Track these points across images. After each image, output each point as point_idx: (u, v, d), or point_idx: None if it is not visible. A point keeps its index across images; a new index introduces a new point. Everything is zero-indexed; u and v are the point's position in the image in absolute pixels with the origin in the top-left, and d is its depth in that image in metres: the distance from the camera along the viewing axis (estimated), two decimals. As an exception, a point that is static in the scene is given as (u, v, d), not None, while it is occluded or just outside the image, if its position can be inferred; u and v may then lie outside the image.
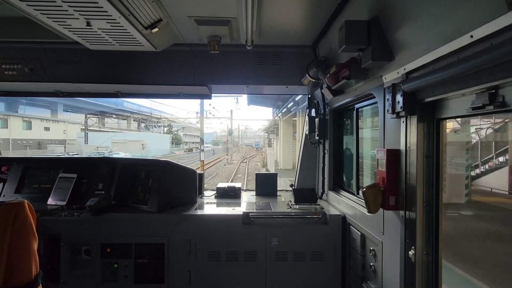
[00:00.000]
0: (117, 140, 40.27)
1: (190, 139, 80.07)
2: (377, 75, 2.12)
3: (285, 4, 2.42)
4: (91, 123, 38.36)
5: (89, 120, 37.41)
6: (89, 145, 35.58)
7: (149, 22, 2.49)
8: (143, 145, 41.52)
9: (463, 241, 4.85)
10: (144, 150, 40.52)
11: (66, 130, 42.68)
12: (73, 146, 37.59)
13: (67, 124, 43.36)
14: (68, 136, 41.84)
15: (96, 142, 37.24)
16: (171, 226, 2.87)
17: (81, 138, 37.48)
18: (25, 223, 1.71)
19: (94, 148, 34.92)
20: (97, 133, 42.11)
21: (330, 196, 3.43)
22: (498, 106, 1.30)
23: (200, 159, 20.63)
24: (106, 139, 39.25)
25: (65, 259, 2.83)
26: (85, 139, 35.85)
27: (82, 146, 35.58)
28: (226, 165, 34.55)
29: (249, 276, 2.89)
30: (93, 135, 39.79)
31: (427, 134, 1.80)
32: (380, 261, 2.21)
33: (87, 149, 34.04)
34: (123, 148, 36.41)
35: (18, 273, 1.66)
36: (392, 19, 1.80)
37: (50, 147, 35.88)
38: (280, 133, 28.13)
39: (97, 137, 39.17)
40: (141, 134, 48.64)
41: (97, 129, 43.98)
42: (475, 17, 1.23)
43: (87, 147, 34.75)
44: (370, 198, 1.98)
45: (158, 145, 46.41)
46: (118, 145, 38.24)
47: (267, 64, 3.46)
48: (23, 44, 3.22)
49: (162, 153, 43.45)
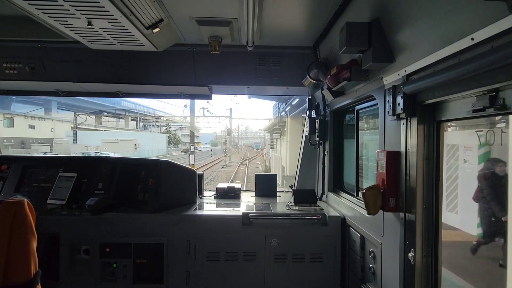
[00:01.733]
0: (108, 139, 37.54)
1: (189, 139, 78.40)
2: (378, 76, 2.12)
3: (286, 5, 2.43)
4: (80, 121, 35.36)
5: (79, 118, 34.84)
6: (78, 144, 33.22)
7: (150, 22, 2.49)
8: (135, 144, 38.86)
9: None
10: (137, 150, 37.83)
11: (54, 128, 39.82)
12: (61, 145, 33.90)
13: (55, 122, 40.75)
14: (56, 135, 38.76)
15: (87, 141, 34.93)
16: (171, 226, 2.87)
17: (70, 137, 35.06)
18: (24, 222, 1.71)
19: (83, 147, 32.35)
20: (88, 132, 39.76)
21: (329, 197, 3.42)
22: (499, 109, 1.30)
23: (189, 163, 17.80)
24: (98, 138, 36.95)
25: (64, 258, 2.82)
26: (74, 138, 33.68)
27: (70, 145, 33.07)
28: (224, 167, 32.87)
29: (248, 277, 2.89)
30: (84, 134, 37.34)
31: (427, 136, 1.80)
32: (380, 263, 2.21)
33: (76, 149, 31.31)
34: (114, 148, 33.73)
35: (17, 272, 1.66)
36: (393, 21, 1.80)
37: (34, 146, 32.40)
38: (287, 132, 24.27)
39: (88, 136, 36.90)
40: (134, 133, 46.23)
41: (88, 128, 41.32)
42: (476, 20, 1.23)
43: (75, 146, 32.26)
44: (370, 199, 1.97)
45: (153, 145, 44.10)
46: (109, 144, 35.48)
47: (268, 65, 3.47)
48: (24, 43, 3.22)
49: (157, 153, 40.72)
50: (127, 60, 3.37)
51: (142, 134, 44.19)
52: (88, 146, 33.15)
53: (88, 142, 34.97)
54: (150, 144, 43.86)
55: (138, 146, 39.03)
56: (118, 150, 31.87)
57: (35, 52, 3.27)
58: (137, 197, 3.17)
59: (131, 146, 37.77)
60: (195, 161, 18.72)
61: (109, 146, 34.96)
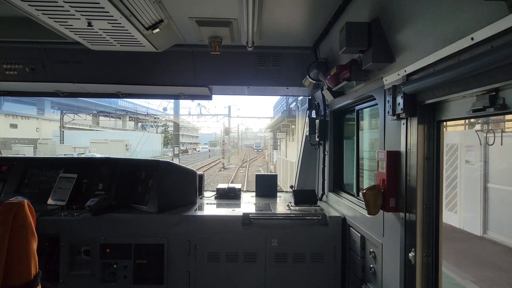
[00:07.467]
0: (96, 140, 35.06)
1: (187, 140, 75.66)
2: (378, 77, 2.12)
3: (286, 5, 2.43)
4: (68, 120, 32.70)
5: (66, 117, 32.17)
6: (65, 145, 30.99)
7: (150, 22, 2.49)
8: (126, 145, 36.04)
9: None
10: (128, 152, 34.82)
11: (40, 127, 37.63)
12: (46, 146, 30.78)
13: (40, 121, 38.54)
14: (42, 135, 36.33)
15: (76, 142, 33.11)
16: (171, 226, 2.87)
17: (57, 137, 32.55)
18: (24, 223, 1.71)
19: (70, 149, 30.09)
20: (78, 132, 37.72)
21: (330, 197, 3.42)
22: (499, 109, 1.30)
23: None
24: (88, 138, 34.84)
25: (65, 259, 2.82)
26: (61, 138, 31.38)
27: (56, 146, 30.64)
28: (222, 170, 30.58)
29: (249, 277, 2.88)
30: (73, 134, 35.51)
31: (427, 136, 1.80)
32: (380, 263, 2.20)
33: (62, 150, 28.90)
34: (103, 149, 31.43)
35: (17, 273, 1.65)
36: (393, 21, 1.80)
37: (16, 147, 28.77)
38: (297, 129, 20.12)
39: (77, 137, 35.05)
40: (127, 133, 43.16)
41: (77, 127, 38.82)
42: (475, 20, 1.23)
43: (62, 147, 29.84)
44: (370, 199, 1.97)
45: (147, 146, 39.70)
46: (97, 145, 33.25)
47: (268, 65, 3.47)
48: (24, 44, 3.23)
49: (151, 154, 37.79)
50: (127, 61, 3.37)
51: (135, 134, 40.96)
52: (75, 147, 31.39)
53: (77, 143, 33.27)
54: (143, 145, 40.96)
55: (130, 147, 36.20)
56: (107, 151, 29.65)
57: (35, 53, 3.27)
58: (138, 198, 3.17)
59: (122, 147, 35.13)
60: (189, 164, 16.36)
61: (98, 147, 32.82)
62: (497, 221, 7.12)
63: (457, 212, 8.11)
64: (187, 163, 32.14)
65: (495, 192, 7.20)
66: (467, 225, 7.77)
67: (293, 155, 19.95)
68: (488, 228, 7.22)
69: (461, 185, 8.15)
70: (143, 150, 34.99)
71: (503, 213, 7.07)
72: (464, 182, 8.10)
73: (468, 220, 7.78)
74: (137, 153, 30.99)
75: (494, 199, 7.20)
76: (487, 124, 7.17)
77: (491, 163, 7.45)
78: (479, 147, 7.52)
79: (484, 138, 7.37)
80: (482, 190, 7.41)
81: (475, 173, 7.69)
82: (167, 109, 32.08)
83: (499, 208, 7.08)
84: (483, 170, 7.49)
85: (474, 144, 7.68)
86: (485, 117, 5.98)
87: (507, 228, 6.85)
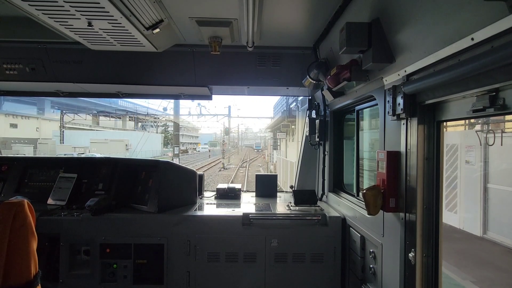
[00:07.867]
0: (96, 139, 35.10)
1: (187, 140, 75.27)
2: (378, 77, 2.12)
3: (286, 5, 2.43)
4: (68, 120, 32.71)
5: (66, 116, 32.18)
6: (65, 145, 31.00)
7: (150, 22, 2.49)
8: (126, 145, 36.04)
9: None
10: (128, 151, 34.88)
11: (40, 127, 37.71)
12: (46, 146, 30.89)
13: (40, 121, 38.62)
14: (42, 135, 36.37)
15: (76, 142, 33.20)
16: (171, 226, 2.87)
17: (57, 137, 32.61)
18: (24, 223, 1.71)
19: (70, 148, 30.10)
20: (78, 132, 37.83)
21: (330, 197, 3.42)
22: (499, 109, 1.30)
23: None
24: (88, 138, 34.81)
25: (64, 259, 2.82)
26: (61, 138, 31.41)
27: (56, 146, 30.67)
28: (222, 170, 30.57)
29: (249, 277, 2.88)
30: (74, 133, 35.58)
31: (427, 136, 1.80)
32: (380, 263, 2.20)
33: (61, 150, 29.01)
34: (103, 149, 31.52)
35: (17, 273, 1.65)
36: (393, 21, 1.80)
37: (16, 147, 29.14)
38: (297, 129, 20.05)
39: (77, 136, 35.08)
40: (127, 133, 43.37)
41: (78, 127, 39.03)
42: (476, 20, 1.23)
43: (62, 147, 29.89)
44: (370, 200, 1.97)
45: (147, 145, 39.77)
46: (97, 145, 33.26)
47: (268, 65, 3.47)
48: (24, 43, 3.23)
49: (151, 154, 38.09)
50: (127, 61, 3.37)
51: (135, 134, 41.08)
52: (75, 147, 31.42)
53: (77, 143, 33.34)
54: (143, 145, 40.79)
55: (130, 147, 36.27)
56: (108, 151, 29.88)
57: (35, 52, 3.27)
58: (137, 198, 3.17)
59: (122, 147, 35.19)
60: (189, 164, 16.38)
61: (98, 146, 32.86)
62: (497, 221, 7.12)
63: (457, 212, 8.11)
64: (187, 163, 32.20)
65: (495, 192, 7.20)
66: (467, 225, 7.77)
67: (293, 155, 20.07)
68: (488, 229, 7.22)
69: (461, 185, 8.15)
70: (143, 150, 35.04)
71: (503, 214, 7.06)
72: (464, 182, 8.10)
73: (468, 220, 7.78)
74: (137, 153, 31.03)
75: (494, 200, 7.20)
76: (487, 125, 7.17)
77: (491, 164, 7.45)
78: (479, 147, 7.52)
79: (484, 139, 7.37)
80: (482, 191, 7.41)
81: (475, 173, 7.69)
82: (167, 109, 32.04)
83: (499, 208, 7.08)
84: (483, 170, 7.49)
85: (474, 144, 7.68)
86: (485, 118, 5.98)
87: (507, 228, 6.85)
